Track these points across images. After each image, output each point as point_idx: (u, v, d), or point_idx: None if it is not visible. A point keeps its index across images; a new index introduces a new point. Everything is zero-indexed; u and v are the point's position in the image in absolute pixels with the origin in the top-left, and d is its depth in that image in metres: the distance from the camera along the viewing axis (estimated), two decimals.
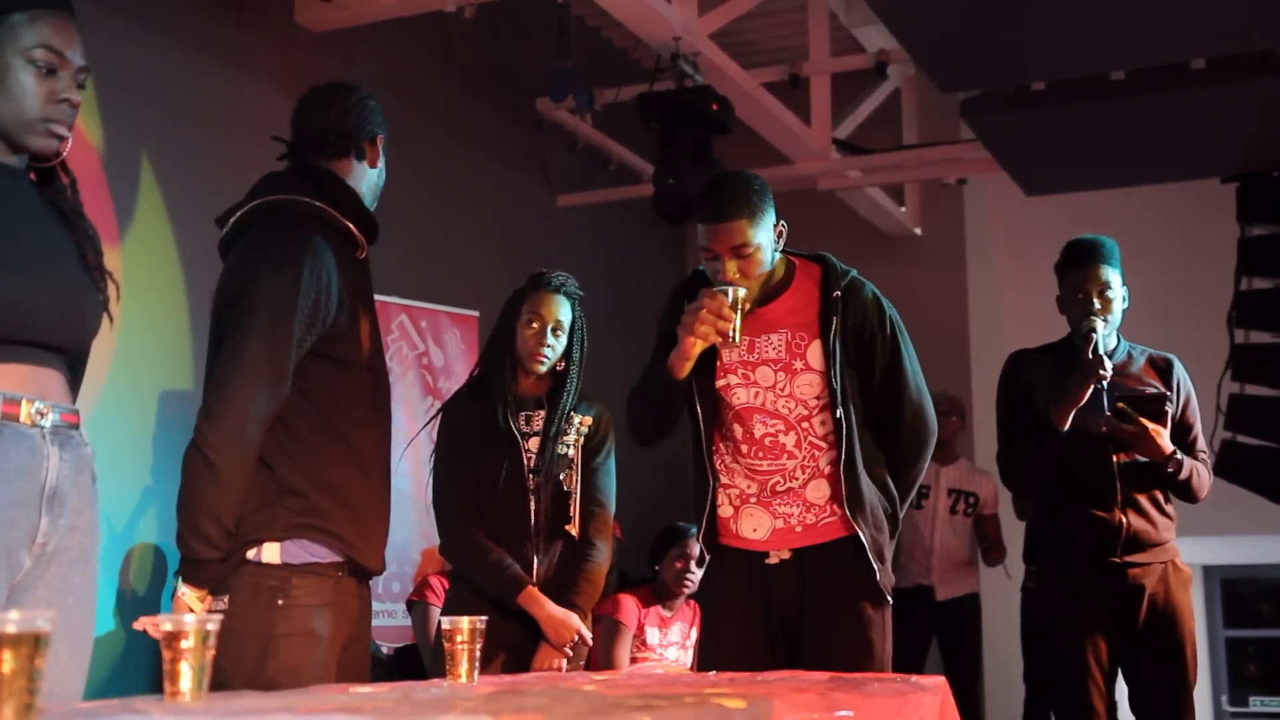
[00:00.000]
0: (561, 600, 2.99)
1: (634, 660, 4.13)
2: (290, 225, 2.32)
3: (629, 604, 4.16)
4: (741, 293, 2.52)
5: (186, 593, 2.21)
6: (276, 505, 2.25)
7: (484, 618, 1.96)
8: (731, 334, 2.50)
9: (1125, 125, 4.82)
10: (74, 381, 2.00)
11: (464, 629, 1.88)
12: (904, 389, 2.69)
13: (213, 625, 1.46)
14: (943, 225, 7.16)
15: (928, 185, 7.08)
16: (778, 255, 2.67)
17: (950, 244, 7.13)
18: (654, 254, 6.94)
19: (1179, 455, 3.17)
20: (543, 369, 3.06)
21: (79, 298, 1.93)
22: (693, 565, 4.20)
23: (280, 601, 2.22)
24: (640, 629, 4.18)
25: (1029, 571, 5.60)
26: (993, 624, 5.83)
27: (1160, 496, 3.23)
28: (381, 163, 2.44)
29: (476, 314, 5.52)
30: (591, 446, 3.10)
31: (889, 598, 2.64)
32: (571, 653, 2.98)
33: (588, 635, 3.02)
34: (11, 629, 1.12)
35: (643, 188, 5.86)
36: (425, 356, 5.08)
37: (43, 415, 1.86)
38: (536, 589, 2.97)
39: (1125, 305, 3.26)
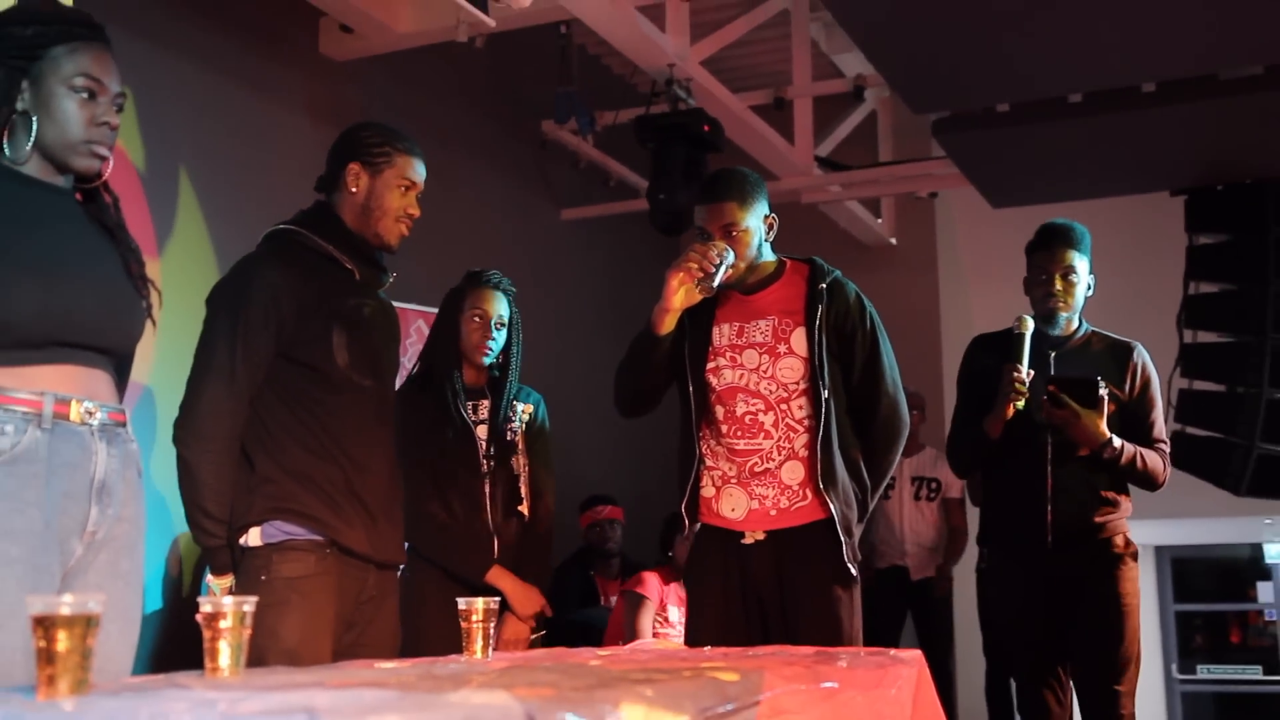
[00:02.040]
0: (519, 575, 3.01)
1: (656, 635, 4.12)
2: (265, 247, 2.42)
3: (652, 579, 4.15)
4: (730, 255, 2.55)
5: (210, 579, 2.32)
6: (255, 493, 2.32)
7: (497, 599, 1.96)
8: (712, 275, 2.50)
9: (1083, 143, 4.82)
10: (120, 382, 2.02)
11: (479, 609, 1.88)
12: (881, 381, 2.70)
13: (249, 606, 1.47)
14: (916, 235, 7.14)
15: (902, 199, 7.07)
16: (767, 246, 2.69)
17: (923, 253, 7.12)
18: (650, 263, 6.89)
19: (1116, 442, 2.97)
20: (488, 361, 3.06)
21: (124, 304, 1.95)
22: None
23: (263, 577, 2.29)
24: (662, 606, 4.17)
25: (982, 553, 5.63)
26: (964, 601, 5.83)
27: (1099, 482, 3.04)
28: (365, 182, 2.44)
29: None
30: (533, 433, 3.12)
31: (856, 576, 2.63)
32: (535, 623, 2.99)
33: (548, 607, 3.02)
34: (66, 610, 1.13)
35: (640, 202, 5.86)
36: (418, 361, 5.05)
37: (91, 414, 1.87)
38: (501, 566, 2.97)
39: (1089, 292, 3.10)
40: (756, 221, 2.65)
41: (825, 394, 2.60)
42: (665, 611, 4.16)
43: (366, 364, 2.41)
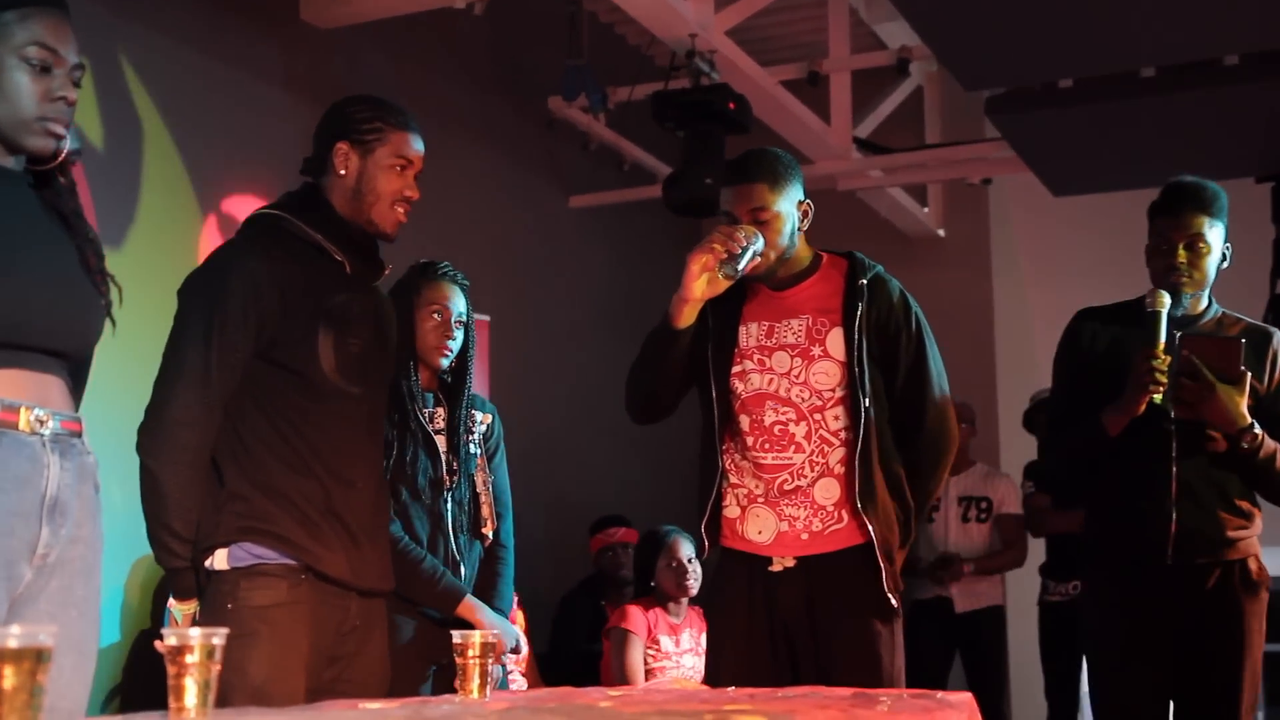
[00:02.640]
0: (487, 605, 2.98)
1: (651, 673, 4.12)
2: (246, 234, 2.40)
3: (635, 613, 4.15)
4: (759, 241, 2.54)
5: (173, 605, 2.30)
6: (223, 511, 2.31)
7: (495, 631, 1.98)
8: (738, 258, 2.49)
9: (1156, 123, 4.79)
10: (76, 389, 2.01)
11: (475, 644, 1.88)
12: (927, 389, 2.68)
13: (219, 639, 1.47)
14: (967, 227, 7.12)
15: (951, 186, 7.05)
16: (801, 236, 2.68)
17: (975, 246, 7.10)
18: (668, 256, 6.89)
19: (1257, 428, 2.72)
20: (445, 364, 3.02)
21: (80, 302, 1.94)
22: (687, 564, 4.15)
23: (229, 605, 2.27)
24: (652, 638, 4.17)
25: (1045, 585, 5.61)
26: (1019, 638, 5.80)
27: (1231, 487, 2.80)
28: (355, 163, 2.42)
29: (488, 318, 5.51)
30: (491, 446, 3.10)
31: (898, 608, 2.61)
32: (509, 661, 2.99)
33: (524, 640, 3.01)
34: (13, 644, 1.12)
35: (657, 188, 5.84)
36: None
37: (43, 423, 1.87)
38: (473, 597, 2.95)
39: (1225, 264, 2.88)
40: (789, 207, 2.64)
41: (865, 402, 2.58)
42: (656, 644, 4.15)
43: (355, 369, 2.40)
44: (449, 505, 2.96)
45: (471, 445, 3.03)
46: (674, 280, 2.62)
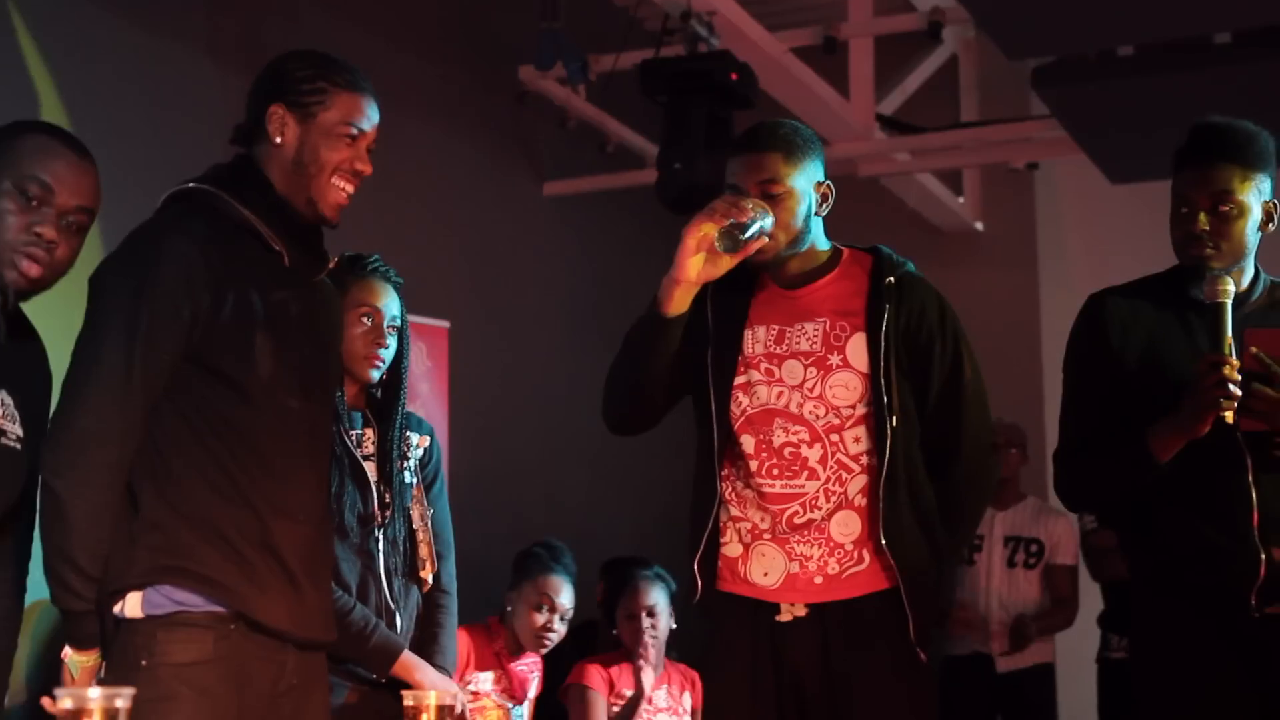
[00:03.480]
0: (427, 661, 2.97)
1: None
2: (173, 211, 2.37)
3: (593, 670, 4.15)
4: (768, 218, 2.52)
5: (69, 655, 2.27)
6: (137, 544, 2.27)
7: (454, 692, 1.99)
8: (743, 228, 2.48)
9: (1231, 96, 4.78)
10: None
11: (430, 705, 1.89)
12: (966, 408, 2.67)
13: (123, 701, 1.46)
14: (1009, 219, 7.13)
15: (991, 171, 7.06)
16: (819, 225, 2.67)
17: (1018, 241, 7.10)
18: (658, 251, 6.87)
19: None
20: (376, 375, 3.00)
21: None
22: (644, 616, 4.12)
23: (143, 662, 2.24)
24: (615, 692, 4.15)
25: (1106, 639, 5.56)
26: (1073, 700, 5.77)
27: None
28: (293, 131, 2.39)
29: (446, 324, 5.49)
30: (429, 473, 3.09)
31: (929, 665, 2.59)
32: None
33: (468, 704, 3.03)
34: None
35: (646, 173, 5.85)
36: None
37: None
38: (411, 653, 2.93)
39: (1273, 225, 2.65)
40: (806, 185, 2.63)
41: (892, 421, 2.57)
42: (620, 700, 4.13)
43: (294, 377, 2.38)
44: (381, 544, 2.95)
45: (407, 473, 3.02)
46: (662, 277, 2.60)
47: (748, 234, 2.50)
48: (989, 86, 6.86)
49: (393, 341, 3.01)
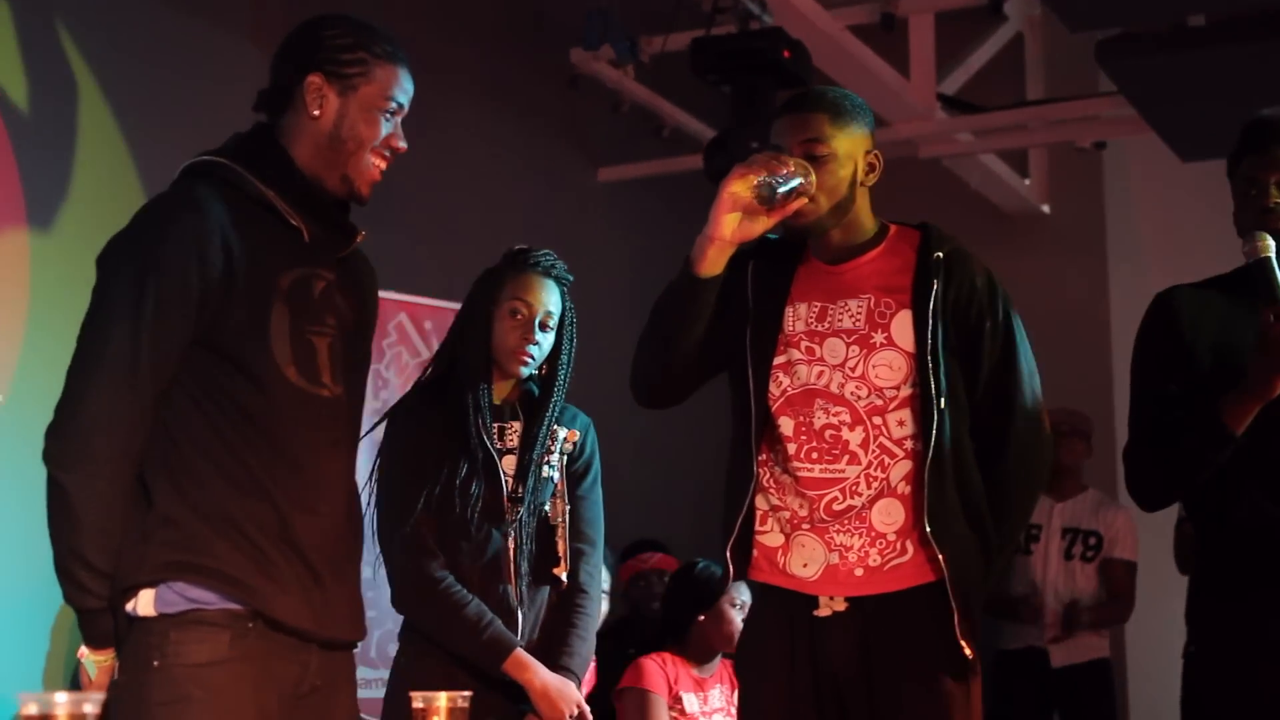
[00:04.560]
0: (551, 663, 2.93)
1: None
2: (185, 185, 2.29)
3: (652, 669, 4.03)
4: (810, 177, 2.47)
5: (85, 655, 2.21)
6: (151, 540, 2.20)
7: (466, 694, 1.94)
8: (780, 183, 2.42)
9: None
10: None
11: (440, 708, 1.86)
12: (1017, 392, 2.58)
13: (91, 707, 1.39)
14: (1077, 201, 7.03)
15: (1057, 151, 6.95)
16: (866, 197, 2.60)
17: (1087, 224, 6.99)
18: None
19: None
20: (526, 371, 3.01)
21: None
22: (736, 614, 4.02)
23: (156, 663, 2.17)
24: (674, 696, 4.05)
25: (1194, 637, 5.39)
26: (1145, 698, 5.64)
27: None
28: (333, 104, 2.31)
29: None
30: (577, 469, 3.08)
31: (975, 660, 2.50)
32: None
33: (587, 709, 2.97)
34: None
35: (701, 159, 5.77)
36: (430, 365, 4.98)
37: None
38: (525, 652, 2.91)
39: None
40: (851, 149, 2.56)
41: (939, 403, 2.49)
42: (679, 703, 4.03)
43: (316, 361, 2.30)
44: (508, 541, 2.94)
45: (547, 467, 3.00)
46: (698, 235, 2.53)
47: (785, 187, 2.43)
48: (1056, 65, 6.77)
49: (546, 337, 3.01)
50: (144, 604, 2.19)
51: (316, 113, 2.30)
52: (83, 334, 2.21)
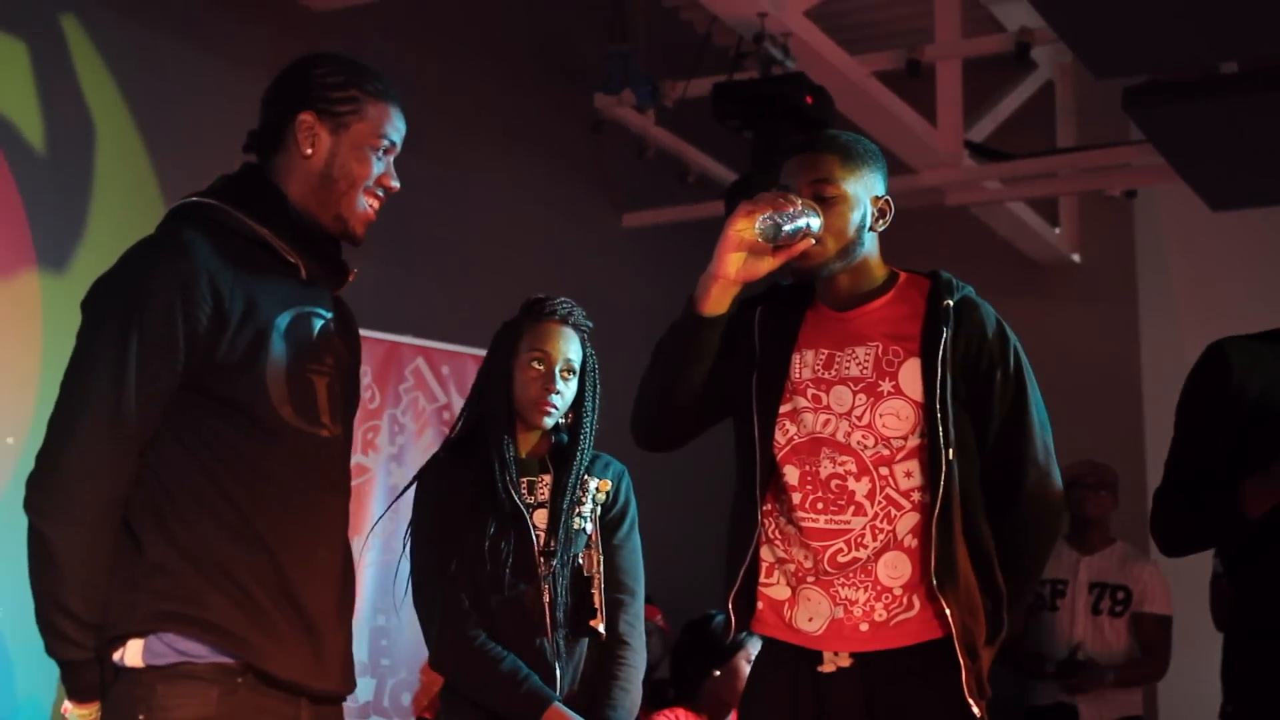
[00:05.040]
0: (593, 717, 2.89)
1: None
2: (172, 227, 2.24)
3: None
4: (816, 219, 2.42)
5: (69, 710, 2.13)
6: (139, 589, 2.13)
7: None
8: (785, 220, 2.38)
9: None
10: None
11: None
12: (1028, 445, 2.51)
13: None
14: (1108, 249, 7.01)
15: (1088, 200, 6.92)
16: (874, 242, 2.56)
17: (1118, 273, 6.97)
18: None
19: None
20: (549, 422, 2.99)
21: None
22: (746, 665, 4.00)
23: (141, 716, 2.10)
24: None
25: (1230, 695, 5.28)
26: None
27: None
28: (325, 142, 2.27)
29: None
30: (611, 518, 3.03)
31: (986, 718, 2.43)
32: None
33: None
34: None
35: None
36: (446, 410, 4.94)
37: None
38: (562, 705, 2.86)
39: None
40: (861, 192, 2.51)
41: (948, 454, 2.43)
42: None
43: (315, 401, 2.26)
44: (542, 596, 2.92)
45: (579, 519, 2.98)
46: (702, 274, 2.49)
47: (791, 226, 2.38)
48: (1087, 113, 6.76)
49: (568, 386, 2.99)
50: (131, 654, 2.13)
51: (309, 151, 2.27)
52: (65, 381, 2.17)
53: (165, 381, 2.15)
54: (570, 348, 2.99)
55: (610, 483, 3.04)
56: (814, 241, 2.43)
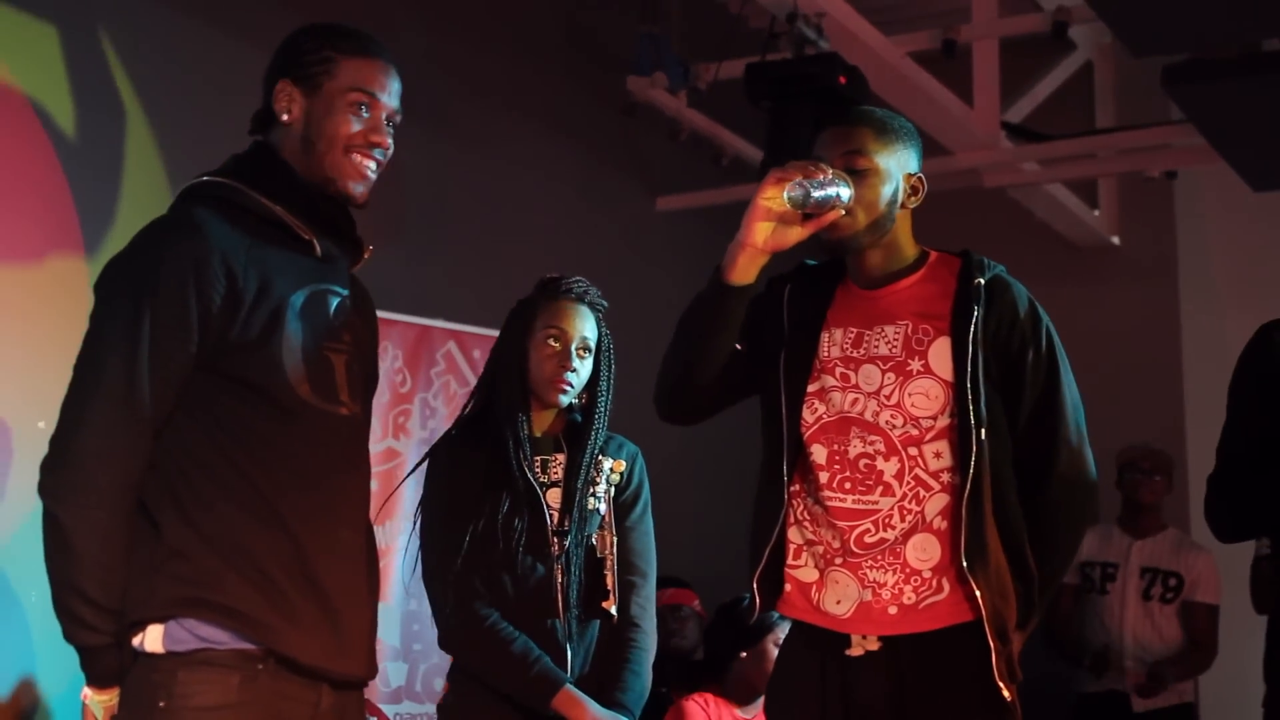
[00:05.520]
0: (604, 699, 2.88)
1: None
2: (183, 208, 2.23)
3: (695, 711, 3.94)
4: (847, 189, 2.39)
5: (89, 695, 2.13)
6: (159, 573, 2.12)
7: None
8: (815, 186, 2.36)
9: None
10: None
11: None
12: (1061, 425, 2.49)
13: None
14: (1148, 232, 6.94)
15: (1128, 181, 6.84)
16: (907, 220, 2.54)
17: (1158, 255, 6.91)
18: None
19: None
20: (565, 400, 2.98)
21: None
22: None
23: (161, 704, 2.09)
24: None
25: (1274, 685, 5.24)
26: None
27: None
28: (300, 104, 2.25)
29: None
30: (625, 499, 3.03)
31: (1014, 703, 2.40)
32: None
33: None
34: None
35: None
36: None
37: None
38: (574, 688, 2.85)
39: None
40: (894, 167, 2.50)
41: (979, 434, 2.40)
42: None
43: (333, 379, 2.24)
44: (556, 576, 2.91)
45: (593, 499, 2.98)
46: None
47: (820, 193, 2.36)
48: (1127, 93, 6.70)
49: (584, 365, 2.99)
50: (152, 640, 2.12)
51: (285, 117, 2.25)
52: (78, 364, 2.15)
53: (179, 362, 2.13)
54: (586, 326, 2.99)
55: (625, 463, 3.03)
56: (844, 212, 2.41)
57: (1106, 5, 4.06)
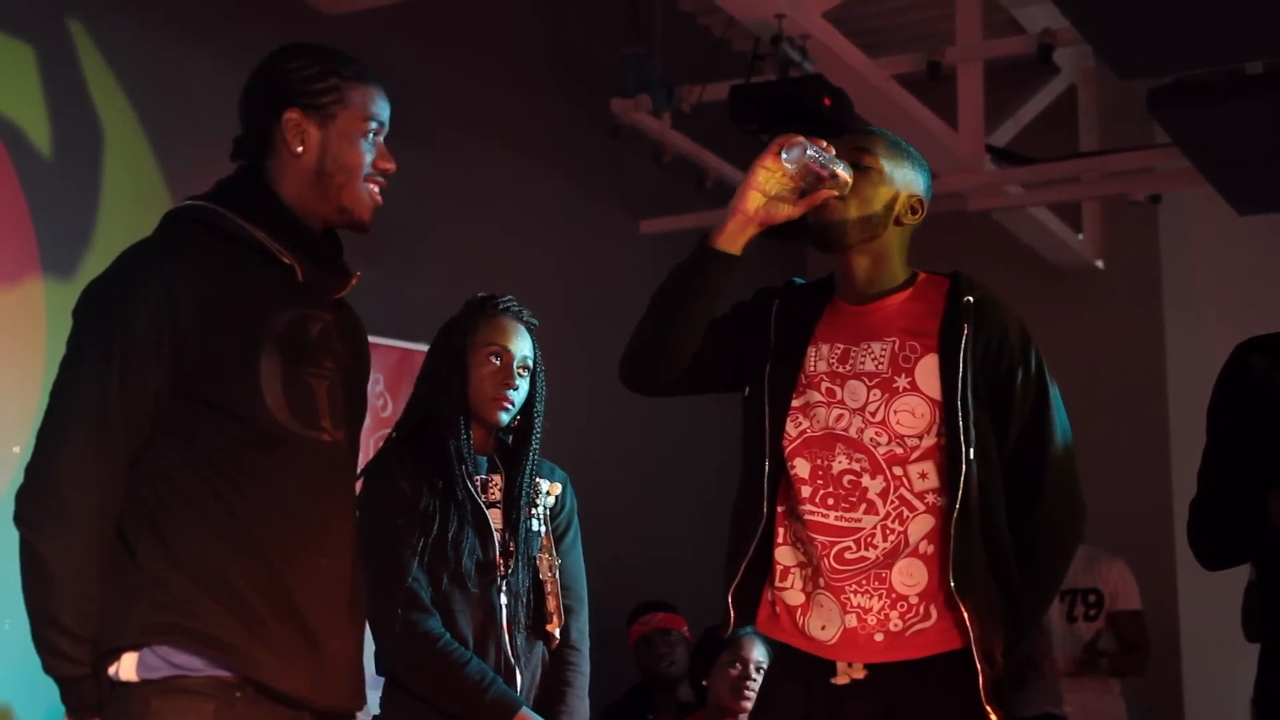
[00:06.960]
0: None
1: None
2: (163, 232, 2.23)
3: None
4: (846, 171, 2.41)
5: None
6: (134, 600, 2.09)
7: None
8: (813, 154, 2.36)
9: None
10: None
11: None
12: (1048, 445, 2.46)
13: None
14: (1132, 255, 6.97)
15: (1112, 204, 6.87)
16: (902, 238, 2.54)
17: (1142, 279, 6.93)
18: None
19: None
20: (505, 419, 2.96)
21: None
22: (753, 672, 3.97)
23: None
24: None
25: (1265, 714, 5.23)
26: None
27: None
28: (314, 136, 2.23)
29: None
30: (559, 524, 3.02)
31: None
32: None
33: None
34: None
35: None
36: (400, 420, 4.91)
37: None
38: (531, 711, 2.84)
39: None
40: (899, 177, 2.52)
41: (969, 454, 2.38)
42: None
43: (314, 404, 2.21)
44: (503, 596, 2.90)
45: (534, 521, 2.96)
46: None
47: (818, 156, 2.37)
48: (1110, 118, 6.72)
49: (524, 383, 2.98)
50: (126, 668, 2.09)
51: (300, 149, 2.23)
52: (54, 390, 2.14)
53: (153, 388, 2.12)
54: (525, 345, 3.00)
55: (559, 486, 3.03)
56: (836, 194, 2.41)
57: (1091, 28, 4.04)
